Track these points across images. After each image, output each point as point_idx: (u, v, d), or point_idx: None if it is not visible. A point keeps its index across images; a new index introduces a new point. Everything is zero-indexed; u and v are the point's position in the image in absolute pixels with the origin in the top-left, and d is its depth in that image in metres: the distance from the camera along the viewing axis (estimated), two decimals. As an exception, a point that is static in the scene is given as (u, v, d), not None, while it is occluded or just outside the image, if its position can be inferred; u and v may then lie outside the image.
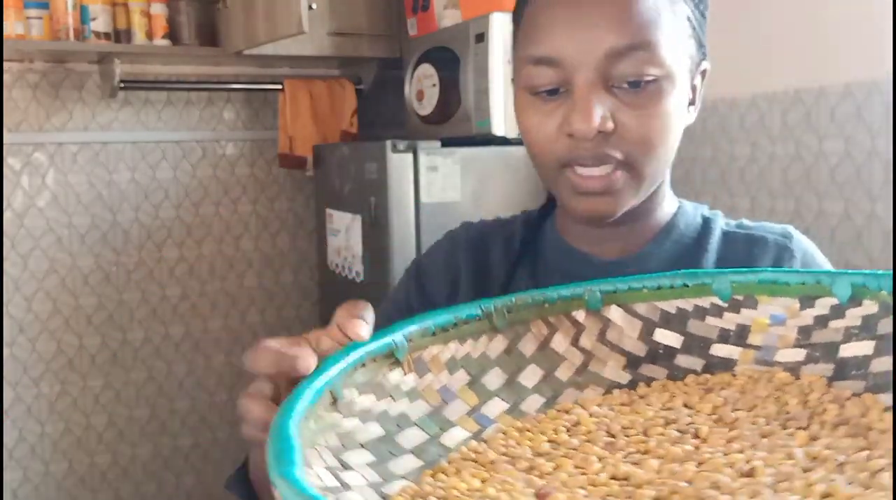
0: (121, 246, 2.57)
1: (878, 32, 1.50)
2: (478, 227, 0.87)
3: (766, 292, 0.59)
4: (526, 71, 0.69)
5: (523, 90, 0.70)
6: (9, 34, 2.20)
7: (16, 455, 2.48)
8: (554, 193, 0.73)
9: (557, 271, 0.78)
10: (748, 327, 0.59)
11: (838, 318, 0.57)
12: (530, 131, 0.70)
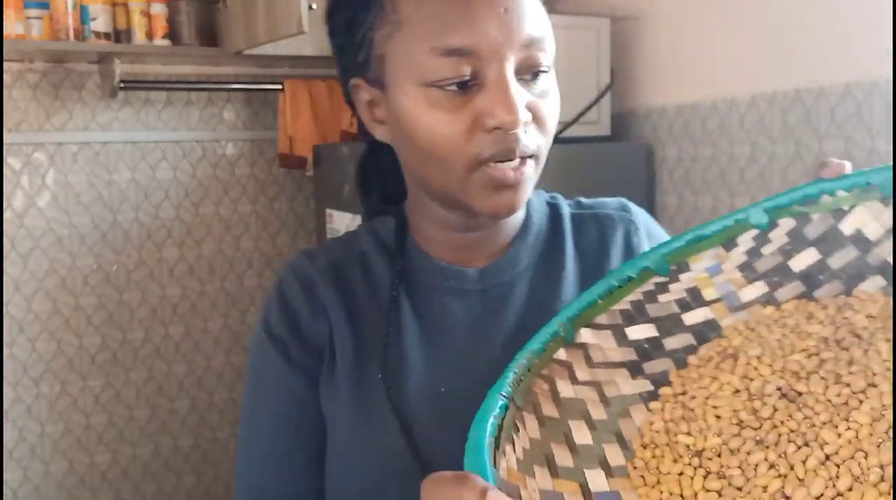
0: (121, 246, 2.57)
1: (877, 32, 1.50)
2: (322, 260, 0.76)
3: (694, 251, 0.61)
4: (436, 64, 0.63)
5: (421, 86, 0.64)
6: (9, 34, 2.20)
7: (16, 455, 2.48)
8: (452, 194, 0.67)
9: (435, 292, 0.73)
10: (696, 288, 0.61)
11: (766, 243, 0.59)
12: (436, 130, 0.64)
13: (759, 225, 0.60)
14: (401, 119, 0.67)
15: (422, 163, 0.68)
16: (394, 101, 0.67)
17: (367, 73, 0.69)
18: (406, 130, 0.66)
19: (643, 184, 2.06)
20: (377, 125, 0.72)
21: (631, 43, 2.12)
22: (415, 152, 0.67)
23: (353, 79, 0.71)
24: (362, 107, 0.72)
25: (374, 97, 0.70)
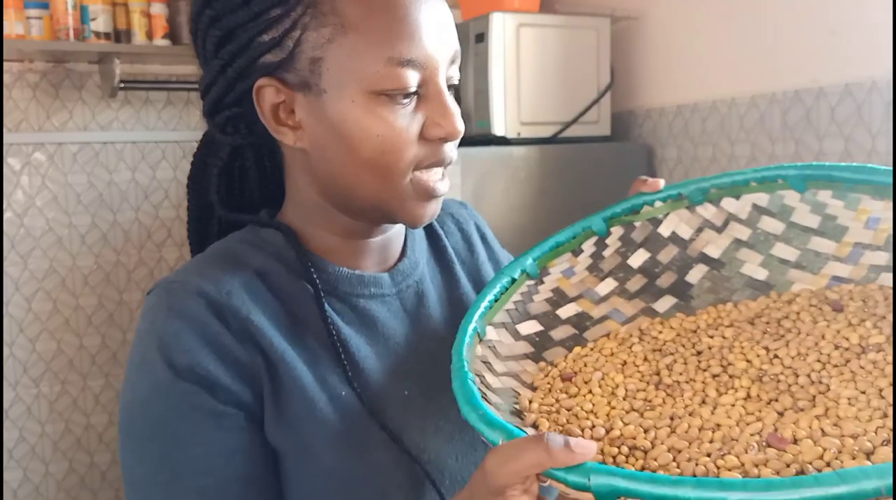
0: (121, 246, 2.57)
1: (877, 32, 1.50)
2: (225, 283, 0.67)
3: (555, 256, 0.73)
4: (389, 73, 0.63)
5: (369, 93, 0.64)
6: (9, 34, 2.20)
7: (16, 455, 2.48)
8: (382, 201, 0.67)
9: (356, 300, 0.72)
10: (559, 287, 0.73)
11: (605, 248, 0.74)
12: (388, 136, 0.64)
13: (600, 232, 0.74)
14: (341, 125, 0.65)
15: (357, 171, 0.66)
16: (332, 106, 0.65)
17: (283, 74, 0.66)
18: (346, 136, 0.65)
19: (643, 184, 2.06)
20: (287, 130, 0.68)
21: (631, 43, 2.12)
22: (349, 159, 0.66)
23: (261, 79, 0.66)
24: (267, 109, 0.67)
25: (287, 100, 0.67)
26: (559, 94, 1.96)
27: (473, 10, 1.97)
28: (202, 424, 0.63)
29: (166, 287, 0.66)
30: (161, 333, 0.64)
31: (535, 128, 1.93)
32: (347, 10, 0.63)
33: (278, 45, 0.65)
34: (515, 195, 1.87)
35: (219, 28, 0.67)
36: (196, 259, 0.71)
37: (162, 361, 0.63)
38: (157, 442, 0.63)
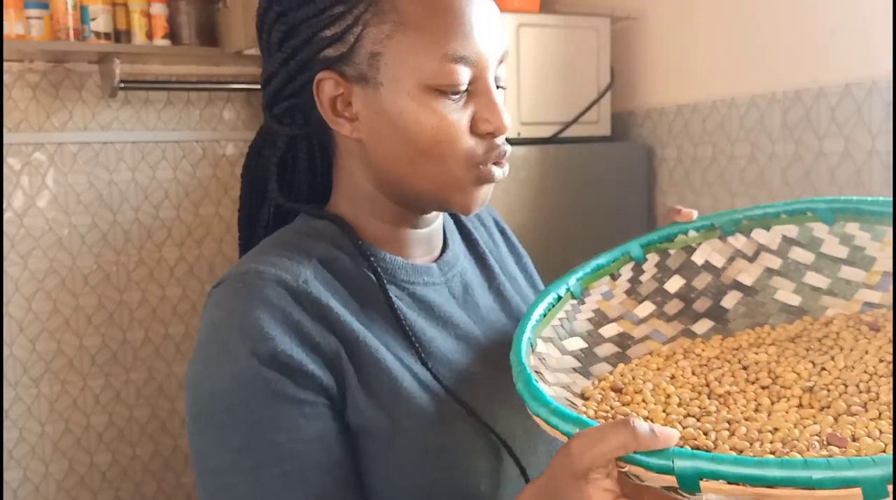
0: (121, 246, 2.57)
1: (877, 32, 1.50)
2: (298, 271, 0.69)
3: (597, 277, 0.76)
4: (444, 68, 0.67)
5: (427, 88, 0.67)
6: (9, 34, 2.20)
7: (16, 455, 2.48)
8: (438, 190, 0.70)
9: (413, 288, 0.74)
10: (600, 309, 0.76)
11: (641, 274, 0.77)
12: (441, 127, 0.68)
13: (637, 258, 0.77)
14: (397, 118, 0.68)
15: (413, 161, 0.69)
16: (388, 99, 0.68)
17: (342, 67, 0.69)
18: (402, 128, 0.68)
19: (643, 184, 2.06)
20: (344, 121, 0.71)
21: (631, 43, 2.12)
22: (405, 149, 0.69)
23: (322, 72, 0.69)
24: (326, 101, 0.70)
25: (345, 92, 0.70)
26: (559, 94, 1.96)
27: (473, 10, 1.97)
28: (285, 411, 0.64)
29: (241, 278, 0.67)
30: (242, 322, 0.65)
31: (535, 128, 1.93)
32: (406, 8, 0.67)
33: (339, 39, 0.68)
34: (515, 195, 1.87)
35: (284, 23, 0.70)
36: (259, 250, 0.72)
37: (245, 349, 0.64)
38: (239, 430, 0.64)
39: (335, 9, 0.68)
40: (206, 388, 0.66)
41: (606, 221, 1.99)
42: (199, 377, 0.67)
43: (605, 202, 1.99)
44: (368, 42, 0.68)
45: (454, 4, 0.67)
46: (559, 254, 1.94)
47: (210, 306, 0.69)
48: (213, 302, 0.69)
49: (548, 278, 0.84)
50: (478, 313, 0.79)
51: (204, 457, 0.66)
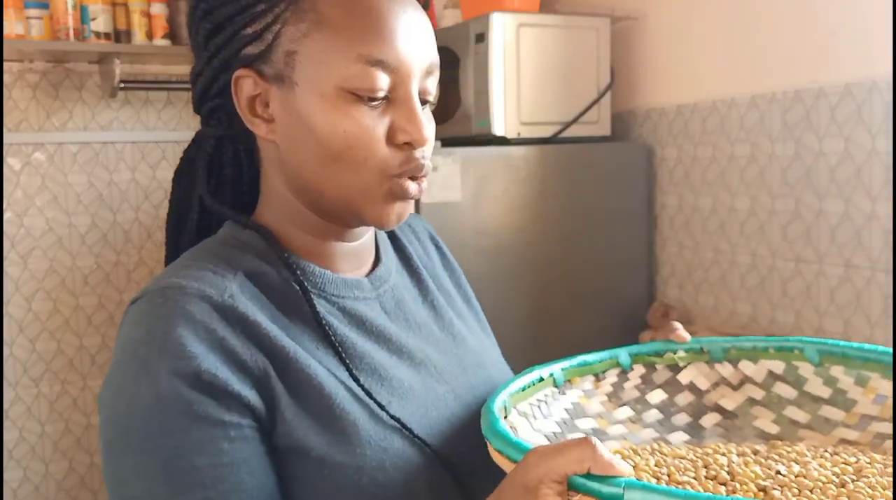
0: (121, 246, 2.57)
1: (877, 32, 1.50)
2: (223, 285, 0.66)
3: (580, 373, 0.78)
4: (359, 71, 0.65)
5: (339, 90, 0.65)
6: (9, 34, 2.20)
7: (16, 455, 2.48)
8: (350, 199, 0.68)
9: (342, 302, 0.72)
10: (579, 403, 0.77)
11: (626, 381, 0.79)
12: (354, 132, 0.65)
13: (624, 365, 0.79)
14: (310, 119, 0.66)
15: (324, 165, 0.67)
16: (302, 99, 0.66)
17: (261, 66, 0.68)
18: (314, 130, 0.66)
19: (643, 184, 2.06)
20: (261, 122, 0.69)
21: (631, 43, 2.12)
22: (317, 152, 0.67)
23: (239, 70, 0.68)
24: (243, 100, 0.69)
25: (262, 92, 0.68)
26: (559, 94, 1.96)
27: (473, 10, 1.97)
28: (207, 434, 0.60)
29: (162, 293, 0.63)
30: (163, 340, 0.61)
31: (535, 128, 1.93)
32: (325, 8, 0.65)
33: (259, 37, 0.67)
34: (515, 195, 1.87)
35: (209, 21, 0.69)
36: (182, 263, 0.68)
37: (165, 369, 0.60)
38: (157, 455, 0.60)
39: (257, 6, 0.67)
40: (122, 410, 0.61)
41: (606, 221, 1.99)
42: (114, 399, 0.62)
43: (605, 202, 1.99)
44: (286, 40, 0.66)
45: (374, 7, 0.65)
46: (559, 254, 1.94)
47: (127, 324, 0.64)
48: (131, 319, 0.64)
49: (548, 278, 0.85)
50: (410, 327, 0.76)
51: (118, 484, 0.62)
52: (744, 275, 1.83)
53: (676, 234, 2.02)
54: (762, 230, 1.78)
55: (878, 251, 1.53)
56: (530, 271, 1.89)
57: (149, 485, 0.60)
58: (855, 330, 1.58)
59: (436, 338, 0.78)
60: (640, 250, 2.06)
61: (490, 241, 1.84)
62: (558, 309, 1.93)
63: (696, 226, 1.96)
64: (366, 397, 0.66)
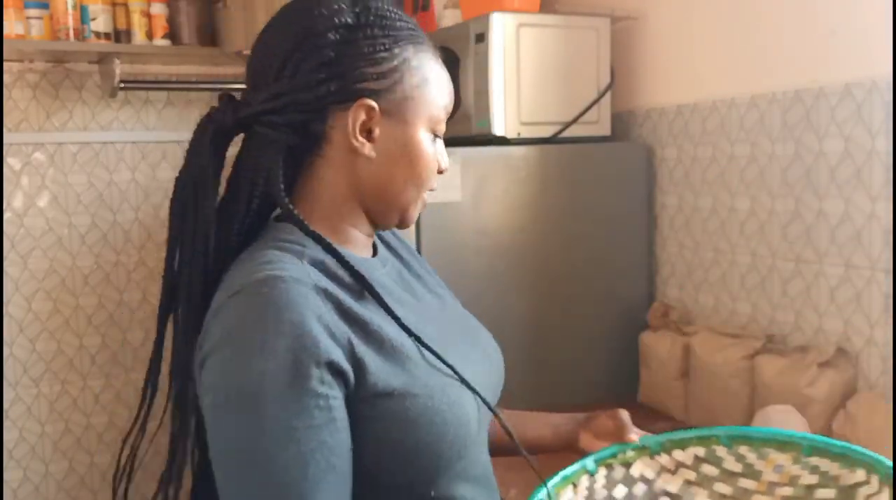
0: (121, 246, 2.57)
1: (877, 32, 1.50)
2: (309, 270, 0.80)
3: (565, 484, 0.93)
4: (440, 117, 0.91)
5: (427, 130, 0.90)
6: (9, 34, 2.20)
7: (16, 455, 2.48)
8: (404, 206, 0.91)
9: (372, 277, 0.86)
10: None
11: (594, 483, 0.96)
12: (430, 162, 0.90)
13: (591, 471, 0.96)
14: (408, 147, 0.88)
15: (403, 181, 0.89)
16: (405, 132, 0.88)
17: (380, 100, 0.85)
18: (410, 156, 0.88)
19: (643, 184, 2.06)
20: (362, 144, 0.86)
21: (631, 43, 2.12)
22: (408, 172, 0.89)
23: (366, 99, 0.85)
24: (356, 121, 0.85)
25: (374, 119, 0.86)
26: (559, 94, 1.96)
27: (473, 10, 1.97)
28: (305, 402, 0.73)
29: (263, 283, 0.76)
30: (275, 320, 0.74)
31: (535, 128, 1.93)
32: (426, 68, 0.90)
33: (381, 77, 0.86)
34: (515, 195, 1.87)
35: (330, 52, 0.84)
36: (262, 260, 0.80)
37: (281, 345, 0.73)
38: (264, 416, 0.73)
39: (379, 53, 0.86)
40: (238, 378, 0.74)
41: (606, 221, 1.99)
42: (228, 369, 0.75)
43: (605, 202, 1.99)
44: (405, 87, 0.87)
45: (445, 76, 0.92)
46: (559, 254, 1.94)
47: (234, 310, 0.76)
48: (238, 306, 0.76)
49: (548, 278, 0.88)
50: (413, 294, 0.96)
51: (229, 437, 0.75)
52: (744, 275, 1.83)
53: (676, 234, 2.02)
54: (762, 230, 1.78)
55: (878, 251, 1.53)
56: (530, 271, 1.89)
57: (252, 444, 0.74)
58: (855, 330, 1.58)
59: (428, 302, 0.98)
60: (640, 250, 2.06)
61: (490, 241, 1.84)
62: (558, 309, 1.93)
63: (696, 226, 1.96)
64: (417, 344, 0.84)
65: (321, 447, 0.75)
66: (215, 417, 0.77)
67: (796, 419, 1.48)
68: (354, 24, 0.86)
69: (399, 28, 0.88)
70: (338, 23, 0.85)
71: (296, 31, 0.85)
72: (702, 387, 1.75)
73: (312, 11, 0.86)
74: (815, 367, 1.54)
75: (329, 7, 0.86)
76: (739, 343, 1.71)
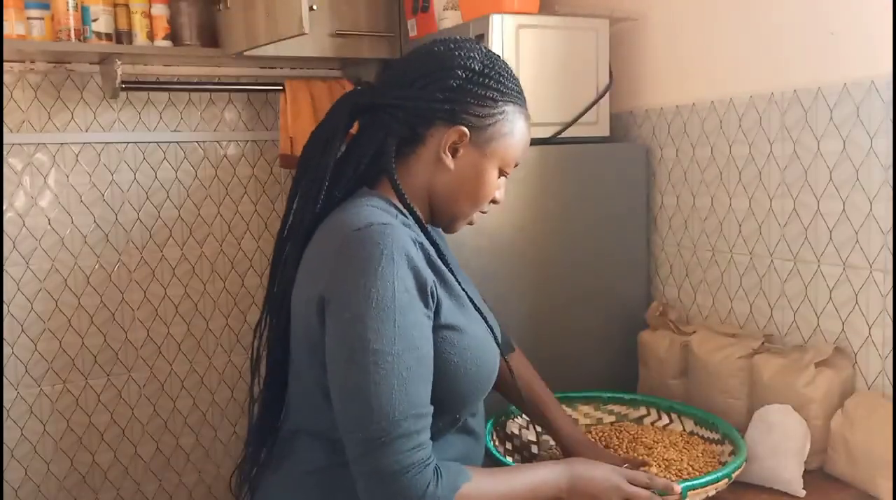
0: (122, 246, 2.58)
1: (876, 32, 1.51)
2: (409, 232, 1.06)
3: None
4: (511, 164, 1.18)
5: (496, 167, 1.17)
6: (10, 34, 2.20)
7: (17, 455, 2.49)
8: (455, 213, 1.19)
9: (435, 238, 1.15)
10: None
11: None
12: (489, 191, 1.18)
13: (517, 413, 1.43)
14: (479, 174, 1.15)
15: (459, 194, 1.16)
16: (478, 161, 1.15)
17: (471, 130, 1.13)
18: (474, 180, 1.16)
19: (642, 184, 2.06)
20: (447, 157, 1.14)
21: (630, 43, 2.13)
22: (467, 189, 1.16)
23: (461, 126, 1.12)
24: (449, 139, 1.13)
25: (462, 143, 1.13)
26: (558, 95, 1.97)
27: (473, 11, 1.97)
28: (419, 317, 1.01)
29: (382, 226, 1.02)
30: (394, 252, 0.99)
31: (535, 128, 1.91)
32: (515, 128, 1.18)
33: (481, 116, 1.13)
34: (515, 195, 1.87)
35: (457, 83, 1.12)
36: (370, 210, 1.06)
37: (400, 269, 1.00)
38: (393, 324, 0.98)
39: (489, 102, 1.14)
40: (378, 291, 0.98)
41: (606, 221, 2.00)
42: (369, 283, 0.98)
43: (605, 203, 1.99)
44: (494, 132, 1.14)
45: (527, 138, 1.21)
46: (558, 254, 1.94)
47: (362, 241, 1.00)
48: (365, 238, 1.00)
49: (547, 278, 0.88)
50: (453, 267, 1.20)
51: (365, 340, 0.97)
52: (742, 275, 1.84)
53: (675, 234, 2.03)
54: (760, 230, 1.78)
55: (877, 251, 1.53)
56: (529, 270, 1.90)
57: (386, 341, 0.98)
58: (853, 330, 1.59)
59: (464, 277, 1.26)
60: (638, 249, 2.07)
61: (490, 241, 1.85)
62: (557, 309, 1.94)
63: (695, 226, 1.96)
64: (467, 297, 1.14)
65: (427, 354, 1.02)
66: (354, 326, 0.98)
67: (794, 418, 1.48)
68: (479, 70, 1.12)
69: (510, 88, 1.16)
70: (468, 65, 1.12)
71: (437, 59, 1.13)
72: (700, 386, 1.76)
73: (454, 51, 1.13)
74: (813, 366, 1.55)
75: (468, 53, 1.13)
76: (737, 343, 1.72)
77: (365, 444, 0.97)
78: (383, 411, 0.96)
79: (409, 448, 0.97)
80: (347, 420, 0.99)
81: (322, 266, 1.04)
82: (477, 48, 1.15)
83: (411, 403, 0.98)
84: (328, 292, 1.01)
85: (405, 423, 0.97)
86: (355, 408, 0.98)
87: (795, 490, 1.42)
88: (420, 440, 0.99)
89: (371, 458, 0.97)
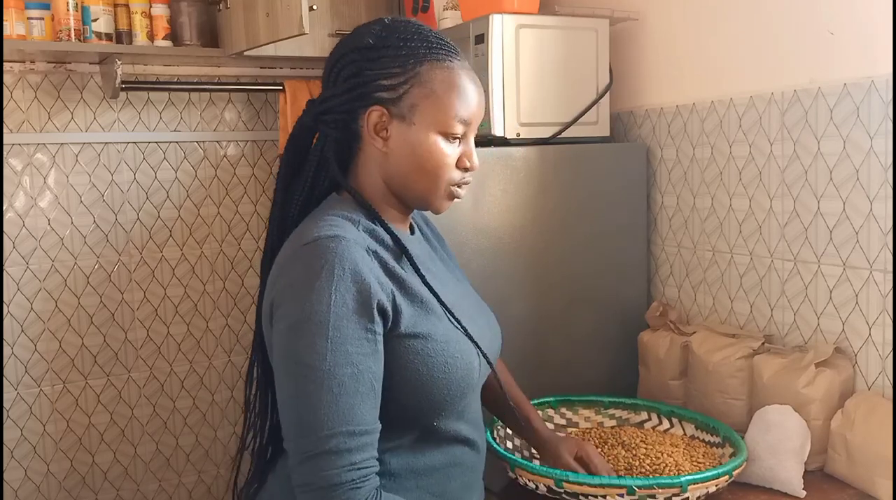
0: (122, 246, 2.58)
1: (876, 32, 1.51)
2: (361, 241, 1.03)
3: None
4: (452, 124, 1.08)
5: (437, 133, 1.08)
6: (10, 35, 2.20)
7: (17, 455, 2.49)
8: (424, 196, 1.11)
9: (406, 246, 1.11)
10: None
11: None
12: (440, 159, 1.09)
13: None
14: (417, 147, 1.08)
15: (417, 174, 1.09)
16: (414, 134, 1.08)
17: (389, 106, 1.07)
18: (417, 153, 1.08)
19: (642, 184, 2.06)
20: (379, 139, 1.09)
21: (630, 44, 2.13)
22: (417, 168, 1.09)
23: (375, 106, 1.07)
24: (371, 124, 1.09)
25: (386, 122, 1.08)
26: (558, 95, 1.97)
27: (473, 11, 1.97)
28: (359, 333, 0.98)
29: (331, 239, 0.99)
30: (340, 266, 0.97)
31: (535, 129, 1.94)
32: (437, 85, 1.08)
33: (392, 89, 1.07)
34: (515, 195, 1.87)
35: (354, 67, 1.08)
36: (327, 222, 1.03)
37: (343, 284, 0.97)
38: (329, 339, 0.96)
39: (393, 70, 1.07)
40: (309, 306, 0.96)
41: (606, 221, 2.00)
42: (305, 297, 0.97)
43: (605, 202, 1.99)
44: (412, 97, 1.07)
45: (465, 89, 1.09)
46: (558, 254, 1.94)
47: (309, 256, 0.99)
48: (312, 253, 0.99)
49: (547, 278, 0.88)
50: (438, 268, 1.20)
51: (297, 353, 0.97)
52: (742, 275, 1.84)
53: (675, 234, 2.03)
54: (760, 230, 1.78)
55: (877, 251, 1.53)
56: (529, 271, 1.90)
57: (319, 357, 0.96)
58: (853, 330, 1.59)
59: (449, 277, 1.22)
60: (638, 249, 2.07)
61: (490, 241, 1.85)
62: (557, 309, 1.94)
63: (695, 226, 1.96)
64: (438, 301, 1.10)
65: (367, 371, 0.98)
66: (288, 337, 0.98)
67: (794, 418, 1.48)
68: (373, 45, 1.08)
69: (415, 48, 1.08)
70: (360, 45, 1.09)
71: (336, 52, 1.12)
72: (700, 386, 1.76)
73: (348, 38, 1.11)
74: (813, 367, 1.55)
75: (360, 34, 1.11)
76: (738, 343, 1.72)
77: (295, 456, 0.97)
78: (311, 426, 0.95)
79: (339, 466, 0.95)
80: (284, 429, 0.99)
81: (275, 276, 1.03)
82: (373, 26, 1.11)
83: (343, 420, 0.96)
84: (274, 304, 1.01)
85: (334, 440, 0.95)
86: (289, 418, 0.98)
87: (795, 490, 1.42)
88: (353, 458, 0.96)
89: (301, 469, 0.96)
